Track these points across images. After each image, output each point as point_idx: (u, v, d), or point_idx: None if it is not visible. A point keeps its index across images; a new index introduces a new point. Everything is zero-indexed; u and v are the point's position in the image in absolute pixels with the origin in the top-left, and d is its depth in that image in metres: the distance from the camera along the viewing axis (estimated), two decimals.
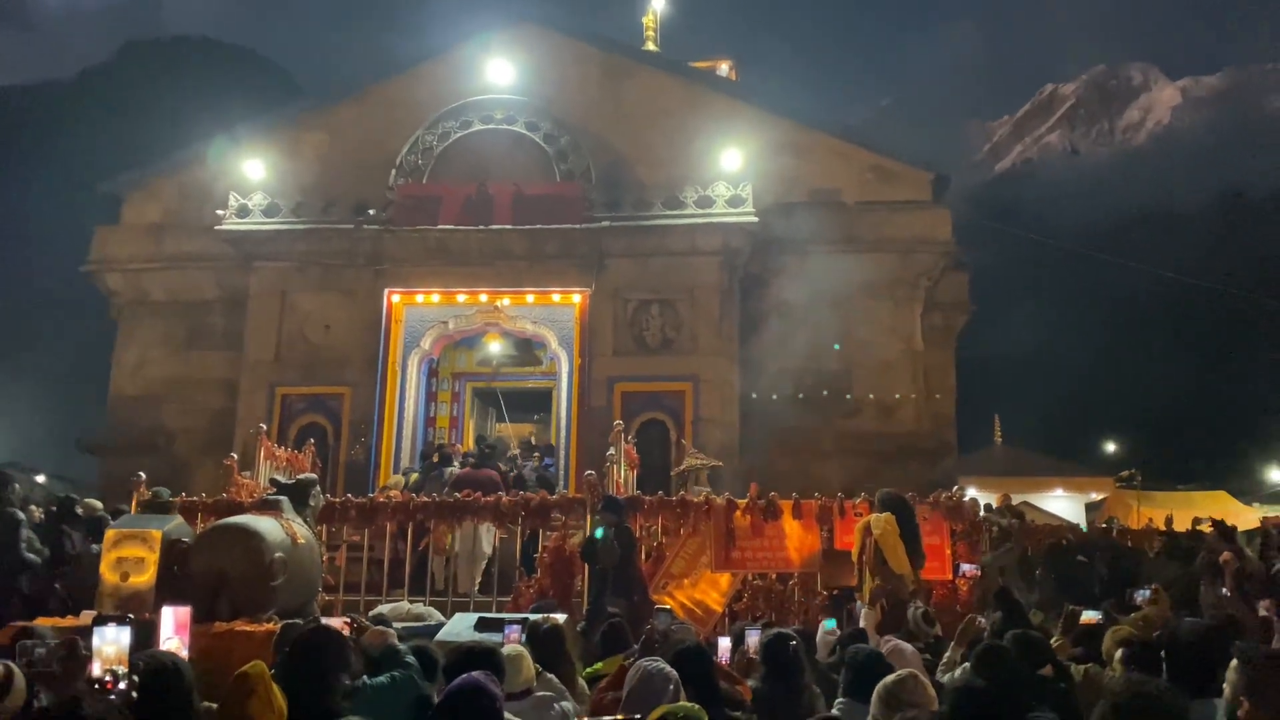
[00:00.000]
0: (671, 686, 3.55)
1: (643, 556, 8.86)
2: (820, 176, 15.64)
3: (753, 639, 4.71)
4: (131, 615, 3.49)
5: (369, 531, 9.46)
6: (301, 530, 6.91)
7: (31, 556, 8.29)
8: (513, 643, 4.56)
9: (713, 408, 13.88)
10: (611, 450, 10.53)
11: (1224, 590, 8.64)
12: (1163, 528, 11.44)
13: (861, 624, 6.73)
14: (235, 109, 24.24)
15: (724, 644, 5.02)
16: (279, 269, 14.79)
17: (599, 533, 7.41)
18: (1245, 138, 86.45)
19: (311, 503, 7.46)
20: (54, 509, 9.12)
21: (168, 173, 17.05)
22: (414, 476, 12.33)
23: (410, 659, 3.96)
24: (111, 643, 3.05)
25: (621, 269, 14.39)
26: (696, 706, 3.21)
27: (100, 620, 3.23)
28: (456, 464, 12.06)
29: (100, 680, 2.96)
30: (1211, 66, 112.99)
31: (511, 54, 15.55)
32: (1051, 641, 5.36)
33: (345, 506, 9.51)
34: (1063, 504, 21.78)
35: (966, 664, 4.40)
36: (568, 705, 4.13)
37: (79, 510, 8.96)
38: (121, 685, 2.94)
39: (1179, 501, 19.29)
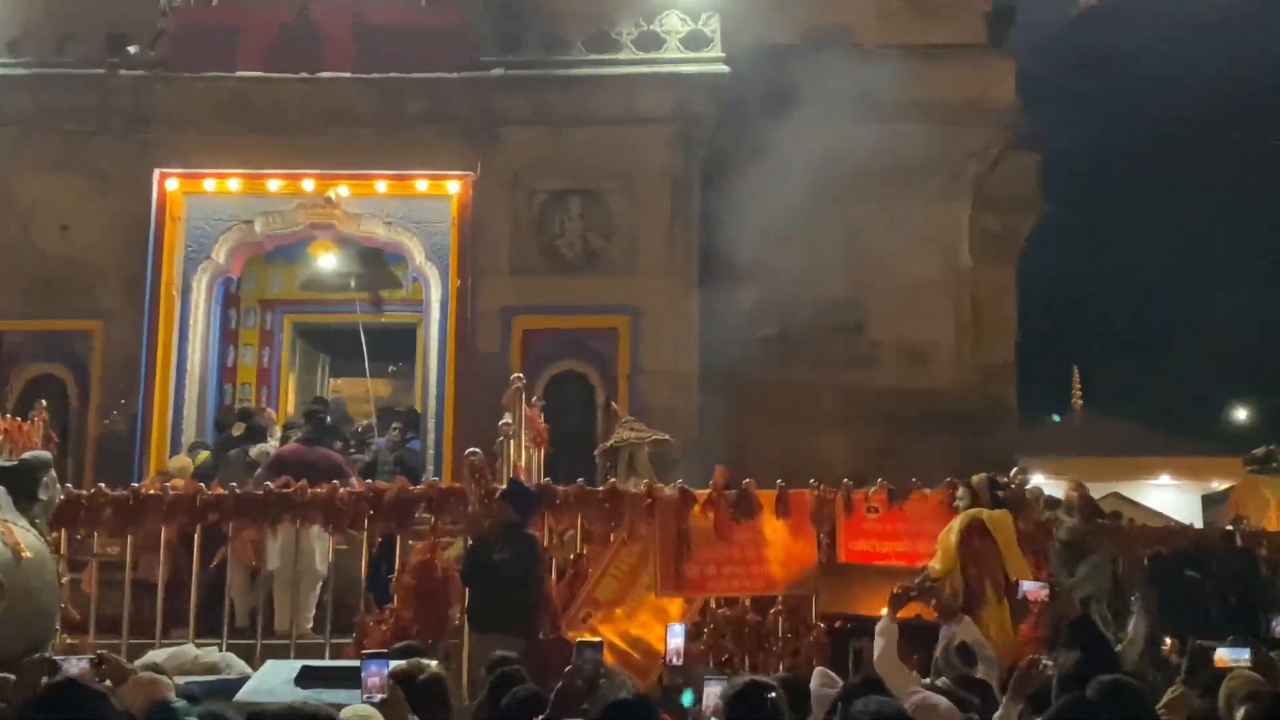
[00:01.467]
0: None
1: (553, 575, 8.90)
2: (822, 6, 15.59)
3: (714, 691, 4.74)
4: None
5: (134, 540, 9.39)
6: (26, 538, 6.84)
7: None
8: (365, 703, 4.48)
9: (660, 354, 14.00)
10: (508, 418, 10.50)
11: None
12: None
13: (877, 657, 6.82)
14: None
15: (711, 691, 4.98)
16: None
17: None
18: None
19: (42, 495, 7.41)
20: None
21: None
22: (204, 455, 12.31)
23: None
24: None
25: (523, 142, 14.39)
26: None
27: None
28: (273, 439, 11.93)
29: None
30: None
31: None
32: (1169, 696, 5.48)
33: (97, 502, 9.43)
34: (1170, 496, 22.37)
35: None
36: None
37: None
38: None
39: None
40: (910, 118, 15.00)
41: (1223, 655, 5.80)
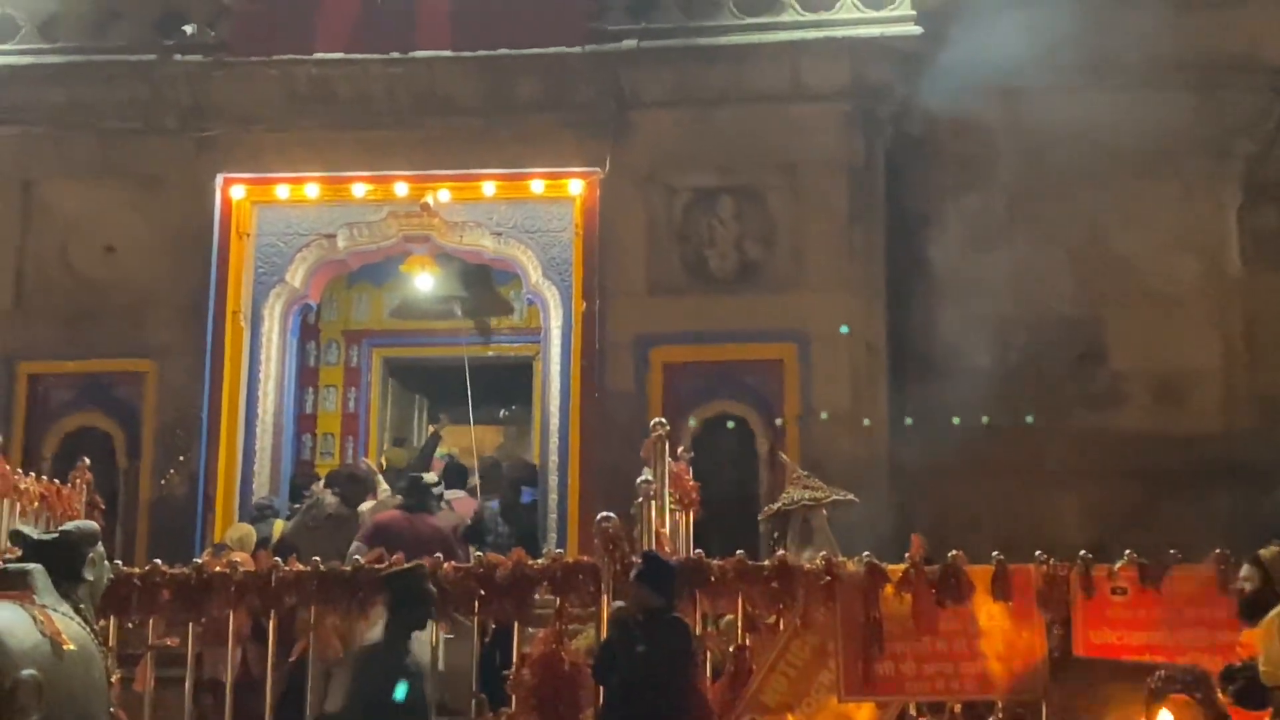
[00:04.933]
0: None
1: (708, 671, 8.89)
2: None
3: None
4: None
5: (196, 629, 9.48)
6: (69, 627, 6.95)
7: None
8: None
9: (838, 392, 13.88)
10: (647, 474, 10.52)
11: None
12: None
13: None
14: None
15: None
16: (17, 137, 14.99)
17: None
18: None
19: (88, 575, 7.45)
20: None
21: None
22: (279, 525, 12.44)
23: None
24: None
25: (661, 130, 14.46)
26: None
27: None
28: (371, 499, 12.14)
29: None
30: None
31: None
32: None
33: (152, 582, 9.50)
34: None
35: None
36: None
37: None
38: None
39: None
40: (1161, 82, 14.71)
41: None
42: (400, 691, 7.67)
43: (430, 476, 13.26)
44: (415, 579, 8.70)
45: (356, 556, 9.94)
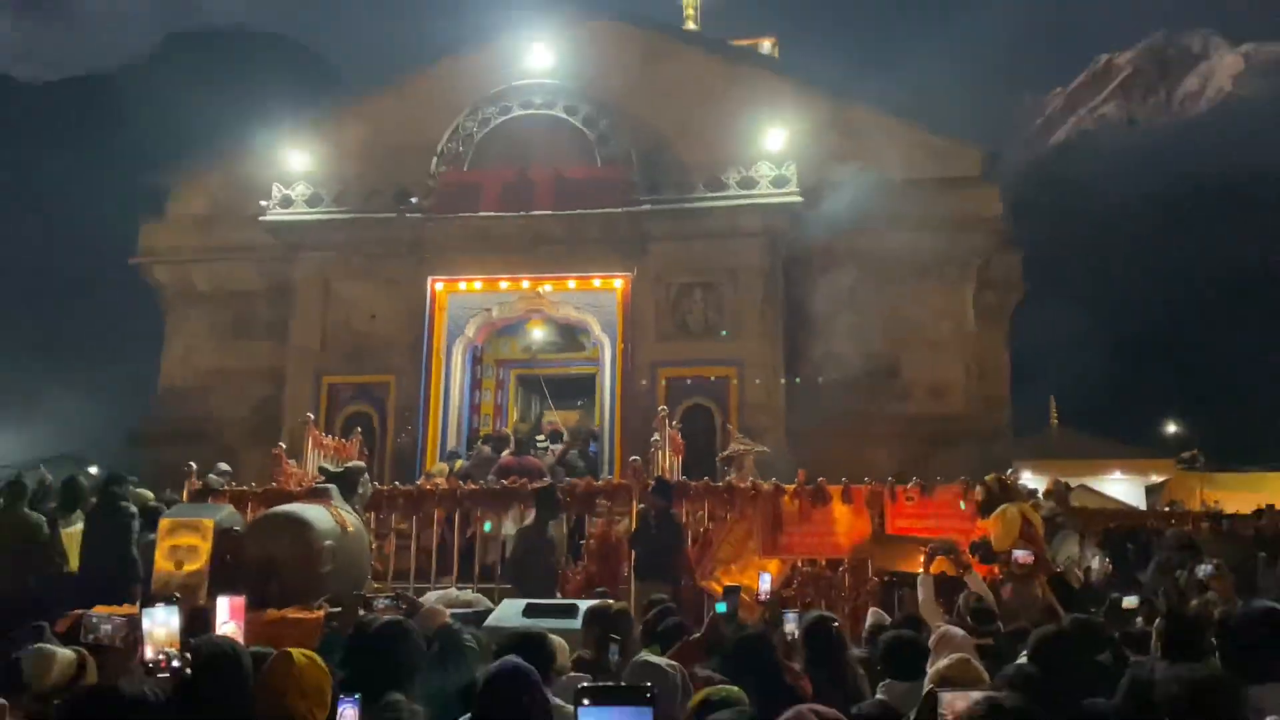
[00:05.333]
0: None
1: (689, 542, 8.88)
2: (866, 154, 15.32)
3: (790, 624, 4.71)
4: (178, 595, 3.54)
5: (416, 519, 9.55)
6: (350, 518, 7.04)
7: (136, 555, 7.82)
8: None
9: (758, 393, 13.82)
10: (656, 436, 10.55)
11: None
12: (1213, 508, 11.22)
13: (921, 602, 6.63)
14: (276, 98, 24.63)
15: (789, 620, 4.94)
16: (323, 258, 15.03)
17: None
18: None
19: (360, 490, 7.59)
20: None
21: (211, 165, 17.39)
22: (459, 463, 12.40)
23: (470, 642, 3.98)
24: (161, 625, 3.08)
25: (664, 252, 14.37)
26: (737, 689, 3.21)
27: (148, 601, 3.24)
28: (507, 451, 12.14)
29: (153, 662, 3.01)
30: (1277, 32, 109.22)
31: (550, 38, 15.55)
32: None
33: (393, 494, 9.63)
34: (1121, 487, 21.43)
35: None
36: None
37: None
38: (175, 664, 2.99)
39: (1246, 483, 18.87)
40: (929, 228, 14.67)
41: (1128, 601, 6.16)
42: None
43: (539, 437, 13.33)
44: (550, 492, 8.74)
45: (494, 478, 9.97)
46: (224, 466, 11.16)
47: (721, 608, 4.91)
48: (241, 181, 16.11)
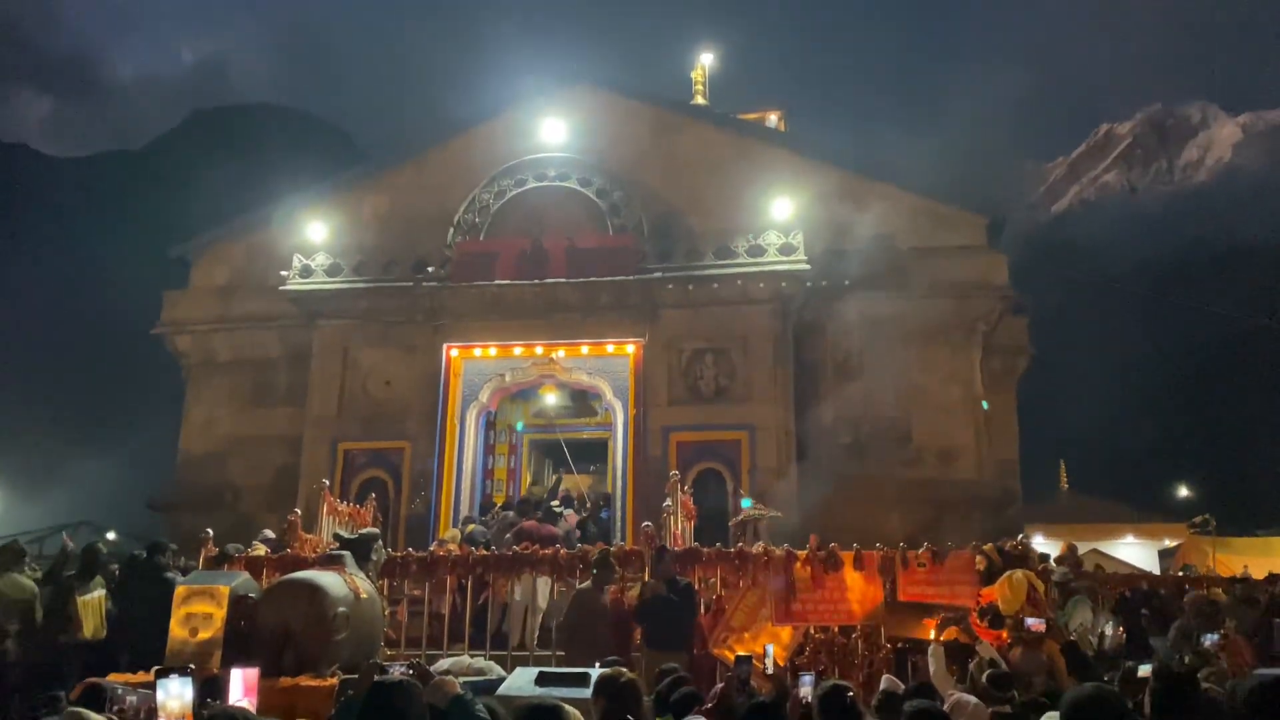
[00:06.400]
0: None
1: (702, 609, 8.76)
2: (873, 222, 15.47)
3: (805, 687, 4.63)
4: (193, 666, 3.50)
5: (429, 585, 9.47)
6: (364, 585, 6.96)
7: None
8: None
9: (769, 457, 13.73)
10: (668, 501, 10.46)
11: None
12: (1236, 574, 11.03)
13: (932, 671, 6.53)
14: (298, 172, 25.06)
15: (805, 683, 4.84)
16: (341, 326, 15.15)
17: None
18: None
19: (374, 557, 7.52)
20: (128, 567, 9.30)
21: (233, 236, 17.64)
22: (472, 527, 12.29)
23: (483, 713, 3.91)
24: (175, 697, 3.06)
25: (675, 319, 14.43)
26: None
27: (163, 672, 3.20)
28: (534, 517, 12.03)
29: None
30: (1274, 101, 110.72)
31: (564, 113, 15.89)
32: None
33: (406, 560, 9.53)
34: (1134, 551, 21.08)
35: None
36: None
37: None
38: None
39: (1257, 548, 18.54)
40: (935, 295, 14.83)
41: (1143, 670, 5.67)
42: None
43: (555, 503, 13.25)
44: (605, 556, 8.69)
45: (513, 545, 9.90)
46: (269, 534, 11.15)
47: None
48: (262, 252, 16.36)
